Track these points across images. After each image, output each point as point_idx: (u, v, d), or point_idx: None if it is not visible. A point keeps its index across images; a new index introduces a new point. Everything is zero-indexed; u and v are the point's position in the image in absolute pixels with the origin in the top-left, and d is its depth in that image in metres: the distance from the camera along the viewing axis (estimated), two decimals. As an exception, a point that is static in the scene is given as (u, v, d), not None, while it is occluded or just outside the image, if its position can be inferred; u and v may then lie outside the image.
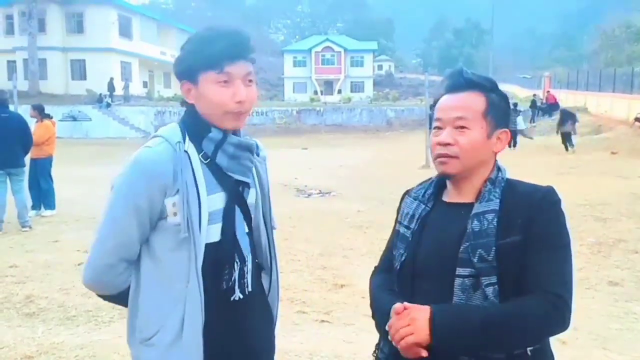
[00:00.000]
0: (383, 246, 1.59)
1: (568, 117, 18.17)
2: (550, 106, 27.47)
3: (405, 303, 1.32)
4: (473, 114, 1.37)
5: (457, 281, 1.31)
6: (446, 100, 1.41)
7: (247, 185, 1.53)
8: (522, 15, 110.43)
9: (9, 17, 37.54)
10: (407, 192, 1.56)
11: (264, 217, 1.60)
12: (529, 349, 1.29)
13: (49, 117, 8.84)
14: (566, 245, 1.32)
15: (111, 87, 32.83)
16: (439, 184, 1.47)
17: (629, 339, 3.96)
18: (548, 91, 31.29)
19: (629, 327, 4.17)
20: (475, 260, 1.28)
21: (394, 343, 1.30)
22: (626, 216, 7.93)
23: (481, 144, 1.37)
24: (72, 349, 3.71)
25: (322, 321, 4.26)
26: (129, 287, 1.50)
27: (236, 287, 1.47)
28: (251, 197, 1.56)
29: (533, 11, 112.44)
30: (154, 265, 1.46)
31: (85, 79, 36.29)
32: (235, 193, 1.50)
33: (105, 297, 1.58)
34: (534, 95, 31.17)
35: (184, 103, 1.52)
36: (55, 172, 8.78)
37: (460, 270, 1.31)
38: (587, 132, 21.25)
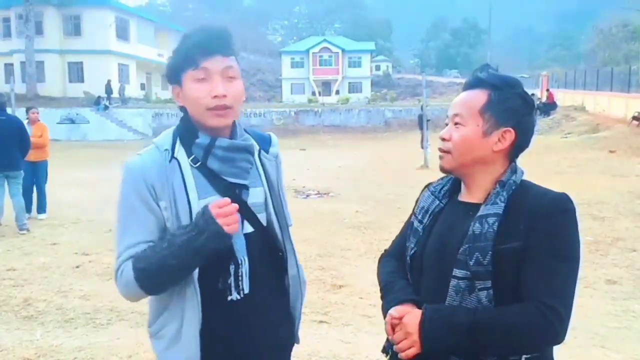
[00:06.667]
0: (381, 246, 1.59)
1: None
2: (548, 105, 27.51)
3: (398, 308, 1.35)
4: (468, 110, 1.37)
5: (452, 282, 1.31)
6: (456, 97, 1.44)
7: (244, 187, 1.51)
8: (519, 14, 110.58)
9: (6, 20, 37.55)
10: (427, 185, 1.55)
11: (276, 214, 1.59)
12: (524, 356, 1.27)
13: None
14: (569, 257, 1.27)
15: (109, 89, 32.81)
16: (456, 181, 1.47)
17: (627, 337, 3.96)
18: (548, 89, 31.29)
19: (627, 325, 4.18)
20: (471, 263, 1.27)
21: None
22: (624, 215, 7.95)
23: (474, 140, 1.35)
24: (70, 351, 3.72)
25: (321, 322, 4.26)
26: None
27: (232, 288, 1.48)
28: (256, 197, 1.54)
29: (530, 11, 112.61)
30: None
31: (82, 81, 36.31)
32: (231, 195, 1.46)
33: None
34: (532, 94, 31.08)
35: (181, 107, 1.53)
36: (53, 175, 8.78)
37: (456, 272, 1.30)
38: (584, 131, 21.26)
